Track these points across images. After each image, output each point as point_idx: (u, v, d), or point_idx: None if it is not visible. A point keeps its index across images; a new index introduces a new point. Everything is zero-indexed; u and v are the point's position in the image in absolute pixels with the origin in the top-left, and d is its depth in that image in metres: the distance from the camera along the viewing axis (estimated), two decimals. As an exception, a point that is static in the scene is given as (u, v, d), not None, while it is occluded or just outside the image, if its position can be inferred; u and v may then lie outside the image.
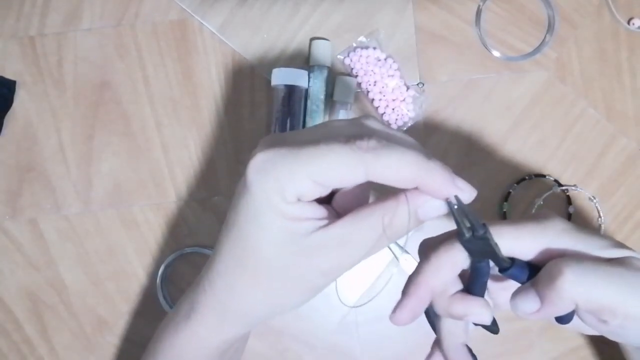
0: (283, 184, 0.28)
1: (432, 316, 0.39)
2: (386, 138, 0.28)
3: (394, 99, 0.54)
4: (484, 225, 0.29)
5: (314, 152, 0.28)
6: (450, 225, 0.29)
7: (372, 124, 0.31)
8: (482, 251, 0.29)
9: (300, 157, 0.28)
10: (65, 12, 0.55)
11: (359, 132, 0.29)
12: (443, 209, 0.29)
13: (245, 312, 0.33)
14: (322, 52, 0.54)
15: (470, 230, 0.28)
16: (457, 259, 0.31)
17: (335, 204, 0.32)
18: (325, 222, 0.29)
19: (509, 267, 0.30)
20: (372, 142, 0.28)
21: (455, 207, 0.28)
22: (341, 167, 0.28)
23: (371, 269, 0.55)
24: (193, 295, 0.36)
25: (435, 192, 0.28)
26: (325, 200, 0.31)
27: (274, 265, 0.30)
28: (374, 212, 0.29)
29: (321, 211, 0.30)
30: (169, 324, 0.38)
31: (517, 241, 0.31)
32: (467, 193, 0.28)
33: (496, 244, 0.29)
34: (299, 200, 0.29)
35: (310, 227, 0.29)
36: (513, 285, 0.32)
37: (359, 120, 0.31)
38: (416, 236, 0.54)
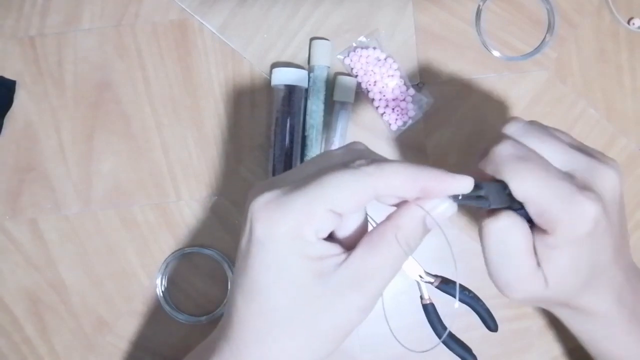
0: (300, 223, 0.27)
1: (432, 315, 0.39)
2: (376, 157, 0.29)
3: (394, 98, 0.54)
4: (494, 179, 0.34)
5: (322, 182, 0.27)
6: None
7: (360, 146, 0.32)
8: (503, 202, 0.35)
9: (310, 190, 0.27)
10: (65, 12, 0.55)
11: (352, 157, 0.29)
12: (449, 209, 0.29)
13: None
14: (322, 52, 0.54)
15: (486, 200, 0.33)
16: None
17: (337, 241, 0.31)
18: (343, 256, 0.29)
19: (520, 207, 0.35)
20: (369, 160, 0.28)
21: (460, 197, 0.30)
22: (352, 189, 0.27)
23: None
24: None
25: (438, 188, 0.28)
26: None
27: (308, 316, 0.28)
28: (386, 231, 0.29)
29: (336, 247, 0.29)
30: None
31: None
32: (466, 180, 0.29)
33: (509, 193, 0.34)
34: (317, 237, 0.28)
35: (333, 264, 0.28)
36: None
37: (348, 147, 0.32)
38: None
